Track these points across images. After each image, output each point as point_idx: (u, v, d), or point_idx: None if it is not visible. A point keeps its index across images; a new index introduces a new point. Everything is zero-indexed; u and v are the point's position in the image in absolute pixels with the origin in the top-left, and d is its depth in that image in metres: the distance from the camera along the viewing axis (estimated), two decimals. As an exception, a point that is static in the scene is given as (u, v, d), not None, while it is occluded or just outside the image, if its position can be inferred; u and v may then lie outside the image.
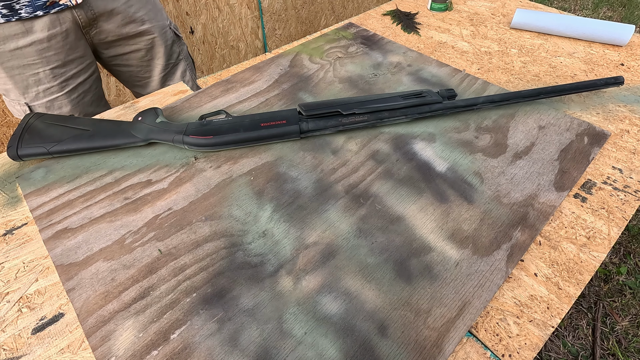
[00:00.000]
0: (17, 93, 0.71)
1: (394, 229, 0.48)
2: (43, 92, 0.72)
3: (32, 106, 0.73)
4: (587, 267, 0.45)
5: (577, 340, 1.09)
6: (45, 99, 0.73)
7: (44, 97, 0.73)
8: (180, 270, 0.44)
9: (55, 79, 0.72)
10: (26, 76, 0.70)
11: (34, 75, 0.70)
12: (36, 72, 0.70)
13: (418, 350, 0.37)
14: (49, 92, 0.73)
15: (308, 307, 0.41)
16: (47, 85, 0.72)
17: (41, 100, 0.73)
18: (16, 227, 0.49)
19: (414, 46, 0.83)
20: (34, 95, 0.72)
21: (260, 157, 0.57)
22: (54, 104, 0.74)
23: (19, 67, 0.68)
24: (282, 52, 0.80)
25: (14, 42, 0.65)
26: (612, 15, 2.70)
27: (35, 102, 0.73)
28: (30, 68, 0.69)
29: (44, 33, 0.67)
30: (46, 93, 0.73)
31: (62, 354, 0.38)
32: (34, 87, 0.71)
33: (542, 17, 0.84)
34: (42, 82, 0.71)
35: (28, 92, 0.71)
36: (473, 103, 0.62)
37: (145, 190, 0.53)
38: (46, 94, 0.73)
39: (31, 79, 0.70)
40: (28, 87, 0.71)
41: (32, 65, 0.69)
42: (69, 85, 0.74)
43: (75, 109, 0.77)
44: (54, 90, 0.73)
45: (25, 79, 0.70)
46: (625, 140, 0.60)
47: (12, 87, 0.70)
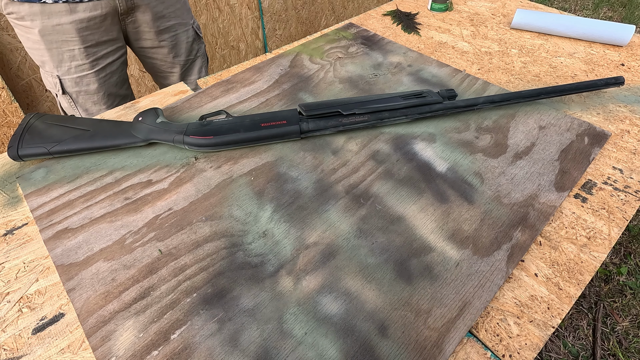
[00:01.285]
0: (52, 65, 0.77)
1: (394, 229, 0.48)
2: (75, 67, 0.78)
3: (63, 79, 0.79)
4: (587, 267, 0.45)
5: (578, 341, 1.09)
6: (75, 74, 0.79)
7: (75, 72, 0.78)
8: (180, 270, 0.44)
9: (87, 57, 0.78)
10: (62, 51, 0.76)
11: (70, 51, 0.76)
12: (72, 48, 0.75)
13: (418, 350, 0.37)
14: (80, 68, 0.78)
15: (308, 308, 0.40)
16: (80, 62, 0.78)
17: (72, 75, 0.79)
18: (16, 227, 0.49)
19: (414, 46, 0.83)
20: (66, 69, 0.78)
21: (260, 157, 0.57)
22: (82, 80, 0.80)
23: (57, 41, 0.74)
24: (282, 52, 0.80)
25: (57, 18, 0.71)
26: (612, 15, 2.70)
27: (67, 76, 0.79)
28: (67, 44, 0.75)
29: (86, 14, 0.73)
30: (77, 69, 0.78)
31: (63, 354, 0.38)
32: (67, 62, 0.77)
33: (543, 17, 0.84)
34: (75, 59, 0.77)
35: (61, 66, 0.77)
36: (473, 103, 0.62)
37: (145, 190, 0.53)
38: (77, 70, 0.78)
39: (66, 54, 0.76)
40: (62, 62, 0.77)
41: (70, 41, 0.75)
42: (98, 65, 0.80)
43: (101, 87, 0.82)
44: (85, 68, 0.79)
45: (61, 54, 0.76)
46: (626, 141, 0.60)
47: (49, 59, 0.76)
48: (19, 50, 1.20)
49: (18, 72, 1.23)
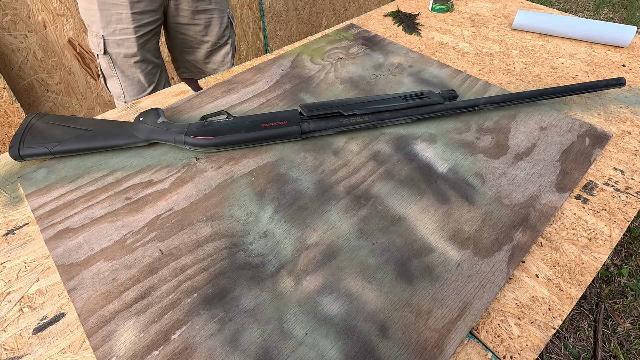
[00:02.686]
0: (99, 26, 0.86)
1: (395, 229, 0.48)
2: (119, 30, 0.86)
3: (107, 40, 0.87)
4: (588, 268, 0.45)
5: (579, 342, 1.09)
6: (119, 36, 0.87)
7: (119, 34, 0.87)
8: (181, 270, 0.44)
9: (133, 22, 0.86)
10: (111, 13, 0.84)
11: (118, 15, 0.85)
12: (120, 12, 0.84)
13: (419, 351, 0.37)
14: (124, 31, 0.87)
15: (309, 308, 0.40)
16: (125, 26, 0.86)
17: (116, 37, 0.87)
18: (17, 227, 0.49)
19: (415, 47, 0.83)
20: (111, 30, 0.86)
21: (261, 157, 0.57)
22: (124, 42, 0.88)
23: (109, 4, 0.83)
24: (283, 52, 0.80)
25: None
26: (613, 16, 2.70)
27: (111, 37, 0.87)
28: (117, 7, 0.84)
29: None
30: (122, 32, 0.87)
31: (63, 353, 0.38)
32: (114, 24, 0.85)
33: (544, 18, 0.84)
34: (121, 22, 0.86)
35: (108, 27, 0.86)
36: (474, 104, 0.62)
37: (146, 190, 0.53)
38: (121, 32, 0.87)
39: (114, 17, 0.85)
40: (109, 23, 0.85)
41: (119, 5, 0.84)
42: (140, 31, 0.89)
43: (139, 52, 0.91)
44: (128, 32, 0.87)
45: (109, 16, 0.84)
46: (627, 142, 0.60)
47: (98, 19, 0.85)
48: (20, 50, 1.20)
49: (20, 73, 1.23)
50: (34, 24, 1.19)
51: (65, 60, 1.31)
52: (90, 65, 1.37)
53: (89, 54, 1.35)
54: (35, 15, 1.19)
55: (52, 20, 1.22)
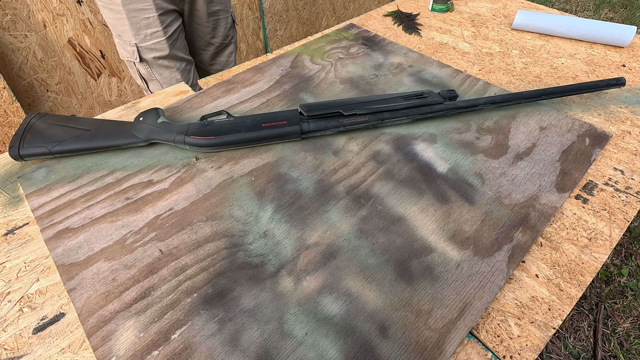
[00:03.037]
0: (130, 34, 0.87)
1: (394, 229, 0.48)
2: (150, 35, 0.88)
3: (140, 47, 0.89)
4: (588, 268, 0.45)
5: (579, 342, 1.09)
6: (151, 41, 0.89)
7: (150, 39, 0.88)
8: (181, 270, 0.44)
9: (161, 24, 0.87)
10: (140, 19, 0.85)
11: (146, 19, 0.85)
12: (147, 16, 0.85)
13: (419, 351, 0.37)
14: (154, 35, 0.88)
15: (309, 308, 0.40)
16: (154, 30, 0.87)
17: (148, 42, 0.88)
18: (17, 226, 0.49)
19: (415, 47, 0.83)
20: (143, 37, 0.88)
21: (261, 157, 0.57)
22: (156, 46, 0.90)
23: (136, 10, 0.84)
24: (283, 52, 0.80)
25: None
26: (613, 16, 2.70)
27: (143, 43, 0.88)
28: (144, 12, 0.85)
29: None
30: (152, 36, 0.88)
31: (63, 353, 0.38)
32: (144, 29, 0.87)
33: (544, 18, 0.84)
34: (150, 26, 0.87)
35: (139, 34, 0.87)
36: (474, 104, 0.62)
37: (146, 190, 0.53)
38: (152, 36, 0.88)
39: (143, 22, 0.86)
40: (140, 30, 0.86)
41: (146, 10, 0.84)
42: (169, 31, 0.90)
43: (171, 51, 0.92)
44: (158, 34, 0.88)
45: (138, 22, 0.85)
46: (627, 142, 0.60)
47: (128, 28, 0.86)
48: (20, 50, 1.20)
49: (19, 72, 1.23)
50: (33, 23, 1.19)
51: (65, 60, 1.30)
52: (90, 65, 1.37)
53: (89, 54, 1.35)
54: (35, 15, 1.19)
55: (52, 20, 1.22)
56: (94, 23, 1.30)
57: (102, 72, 1.41)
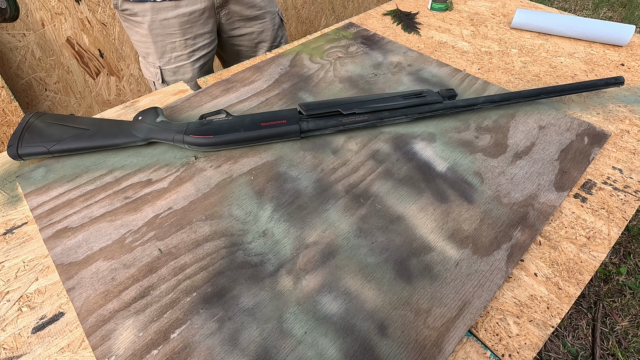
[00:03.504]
0: (155, 57, 0.87)
1: (394, 228, 0.48)
2: (174, 58, 0.88)
3: (164, 70, 0.89)
4: (587, 267, 0.45)
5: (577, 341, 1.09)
6: (174, 64, 0.88)
7: (174, 63, 0.88)
8: (180, 269, 0.44)
9: (186, 48, 0.87)
10: (165, 43, 0.85)
11: (172, 43, 0.85)
12: (173, 40, 0.85)
13: (418, 349, 0.37)
14: (179, 59, 0.88)
15: (308, 307, 0.41)
16: (179, 53, 0.87)
17: (171, 65, 0.88)
18: (16, 226, 0.49)
19: (414, 46, 0.83)
20: (167, 60, 0.88)
21: (260, 156, 0.57)
22: (179, 69, 0.89)
23: (162, 34, 0.84)
24: (282, 51, 0.80)
25: (164, 13, 0.81)
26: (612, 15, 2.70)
27: (167, 66, 0.89)
28: (170, 37, 0.85)
29: (188, 9, 0.82)
30: (177, 60, 0.88)
31: (62, 353, 0.38)
32: (169, 53, 0.87)
33: (543, 17, 0.84)
34: (175, 50, 0.86)
35: (163, 57, 0.87)
36: (473, 103, 0.62)
37: (145, 189, 0.53)
38: (176, 60, 0.88)
39: (168, 46, 0.86)
40: (164, 53, 0.87)
41: (172, 34, 0.84)
42: (194, 55, 0.89)
43: (194, 76, 0.92)
44: (183, 58, 0.88)
45: (164, 46, 0.86)
46: (626, 141, 0.60)
47: (153, 51, 0.86)
48: (18, 49, 1.20)
49: (18, 71, 1.23)
50: (32, 22, 1.19)
51: (64, 59, 1.30)
52: (89, 64, 1.36)
53: (88, 53, 1.34)
54: (34, 14, 1.18)
55: (51, 18, 1.22)
56: (92, 22, 1.30)
57: (101, 71, 1.40)
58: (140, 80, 1.53)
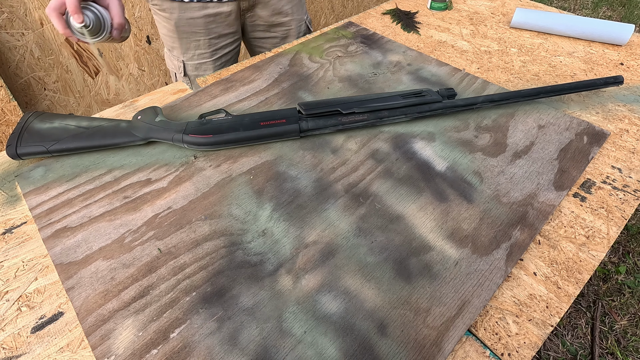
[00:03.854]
0: (179, 51, 0.91)
1: (393, 228, 0.48)
2: (197, 55, 0.91)
3: (186, 64, 0.92)
4: (586, 266, 0.45)
5: (576, 339, 1.09)
6: (197, 61, 0.92)
7: (197, 59, 0.91)
8: (179, 269, 0.44)
9: (209, 47, 0.90)
10: (190, 40, 0.88)
11: (196, 41, 0.88)
12: (198, 39, 0.88)
13: (417, 349, 0.38)
14: (201, 56, 0.91)
15: (307, 306, 0.41)
16: (202, 51, 0.90)
17: (194, 61, 0.92)
18: (15, 226, 0.49)
19: (413, 45, 0.83)
20: (190, 56, 0.91)
21: (259, 156, 0.57)
22: (201, 65, 0.92)
23: (187, 32, 0.87)
24: (281, 51, 0.80)
25: (191, 13, 0.84)
26: (611, 14, 2.70)
27: (190, 61, 0.92)
28: (195, 35, 0.87)
29: (214, 10, 0.85)
30: (199, 57, 0.91)
31: (62, 352, 0.38)
32: (192, 50, 0.90)
33: (542, 16, 0.84)
34: (199, 48, 0.89)
35: (187, 53, 0.90)
36: (473, 102, 0.62)
37: (144, 189, 0.53)
38: (199, 57, 0.91)
39: (193, 44, 0.89)
40: (188, 49, 0.90)
41: (197, 33, 0.87)
42: (217, 54, 0.92)
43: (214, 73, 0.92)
44: (205, 56, 0.91)
45: (188, 43, 0.89)
46: (625, 140, 0.60)
47: (178, 46, 0.90)
48: (17, 48, 1.19)
49: (17, 71, 1.23)
50: (30, 21, 1.19)
51: (63, 59, 1.30)
52: (88, 63, 1.36)
53: (87, 52, 1.34)
54: (32, 13, 1.18)
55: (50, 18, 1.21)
56: (91, 21, 1.29)
57: (100, 70, 1.40)
58: (139, 80, 1.53)
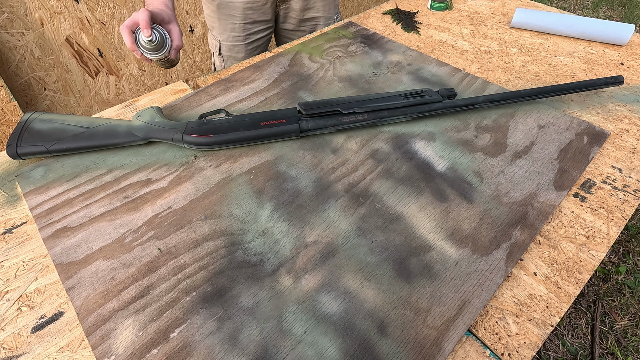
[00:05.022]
0: (218, 31, 0.98)
1: (393, 228, 0.48)
2: (232, 37, 0.97)
3: (222, 44, 0.99)
4: (586, 266, 0.45)
5: (576, 340, 1.09)
6: (231, 42, 0.98)
7: (232, 41, 0.98)
8: (180, 269, 0.44)
9: (244, 31, 0.96)
10: (227, 22, 0.95)
11: (232, 24, 0.95)
12: (234, 22, 0.95)
13: (417, 349, 0.38)
14: (236, 38, 0.97)
15: (308, 306, 0.41)
16: (237, 34, 0.97)
17: (229, 42, 0.98)
18: (16, 225, 0.49)
19: (413, 45, 0.83)
20: (226, 36, 0.98)
21: (260, 156, 0.57)
22: (234, 47, 0.99)
23: (226, 15, 0.94)
24: (282, 51, 0.80)
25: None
26: (611, 14, 2.70)
27: (225, 42, 0.99)
28: (232, 18, 0.94)
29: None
30: (234, 39, 0.97)
31: (62, 352, 0.38)
32: (228, 31, 0.96)
33: (542, 16, 0.84)
34: (235, 30, 0.96)
35: (223, 33, 0.97)
36: (473, 102, 0.62)
37: (144, 189, 0.53)
38: (234, 39, 0.97)
39: (229, 25, 0.95)
40: (225, 30, 0.97)
41: (235, 16, 0.94)
42: (249, 39, 0.98)
43: (246, 56, 1.01)
44: (239, 39, 0.97)
45: (226, 24, 0.96)
46: (625, 140, 0.60)
47: (217, 26, 0.97)
48: (17, 48, 1.19)
49: (17, 71, 1.23)
50: (31, 21, 1.19)
51: (63, 59, 1.30)
52: (88, 63, 1.36)
53: (87, 52, 1.34)
54: (32, 13, 1.18)
55: (50, 18, 1.21)
56: (91, 21, 1.30)
57: (100, 70, 1.40)
58: (139, 80, 1.53)
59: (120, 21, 1.36)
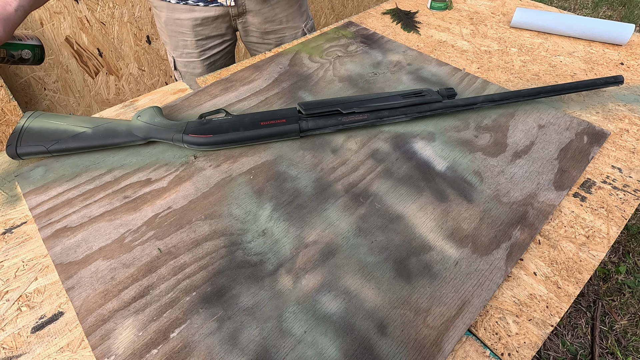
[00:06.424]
0: (170, 47, 0.95)
1: (393, 228, 0.48)
2: (186, 54, 0.93)
3: (176, 60, 0.96)
4: (586, 266, 0.45)
5: (576, 339, 1.09)
6: (186, 59, 0.95)
7: (185, 57, 0.94)
8: (179, 269, 0.44)
9: (196, 47, 0.92)
10: (178, 39, 0.91)
11: (183, 41, 0.91)
12: (185, 39, 0.91)
13: (417, 348, 0.38)
14: (190, 55, 0.93)
15: (308, 306, 0.41)
16: (190, 51, 0.93)
17: (183, 58, 0.95)
18: (15, 225, 0.49)
19: (413, 45, 0.83)
20: (179, 53, 0.94)
21: (259, 156, 0.57)
22: (190, 64, 0.95)
23: (175, 31, 0.90)
24: (281, 50, 0.80)
25: (178, 14, 0.86)
26: (611, 14, 2.70)
27: (179, 58, 0.95)
28: (182, 35, 0.90)
29: (201, 14, 0.86)
30: (188, 55, 0.94)
31: (62, 352, 0.38)
32: (181, 48, 0.93)
33: (542, 16, 0.84)
34: (187, 47, 0.92)
35: (176, 50, 0.94)
36: (473, 102, 0.62)
37: (144, 189, 0.53)
38: (187, 56, 0.94)
39: (181, 42, 0.92)
40: (177, 47, 0.93)
41: (185, 33, 0.89)
42: (205, 54, 0.94)
43: (204, 72, 0.97)
44: (193, 56, 0.93)
45: (177, 41, 0.92)
46: (625, 140, 0.60)
47: (168, 42, 0.94)
48: (17, 48, 1.19)
49: (17, 71, 1.23)
50: (30, 21, 1.19)
51: (63, 59, 1.30)
52: (88, 63, 1.36)
53: (87, 52, 1.34)
54: (32, 13, 1.18)
55: (49, 18, 1.21)
56: (91, 21, 1.30)
57: (100, 70, 1.40)
58: (139, 80, 1.53)
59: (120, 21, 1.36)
